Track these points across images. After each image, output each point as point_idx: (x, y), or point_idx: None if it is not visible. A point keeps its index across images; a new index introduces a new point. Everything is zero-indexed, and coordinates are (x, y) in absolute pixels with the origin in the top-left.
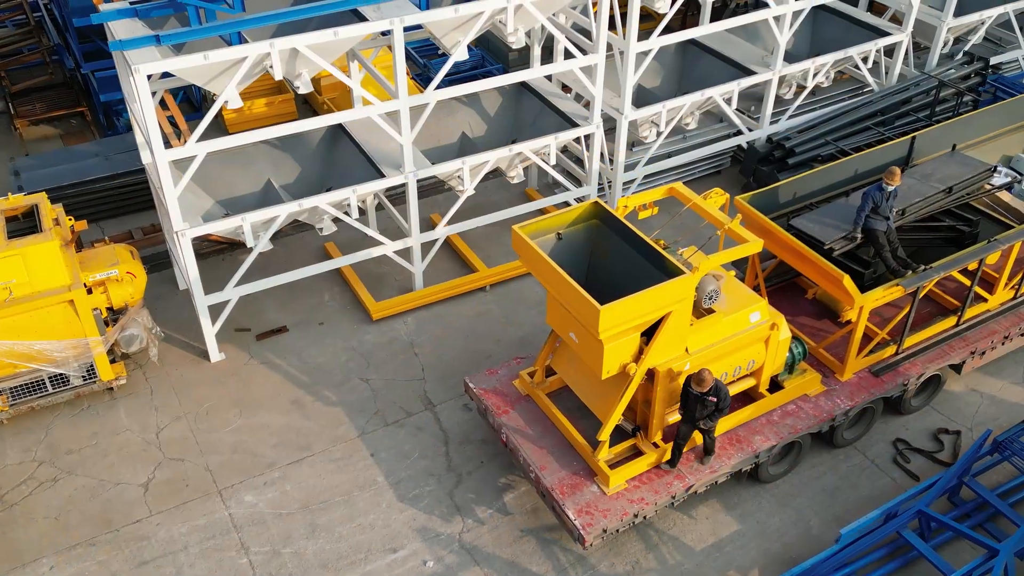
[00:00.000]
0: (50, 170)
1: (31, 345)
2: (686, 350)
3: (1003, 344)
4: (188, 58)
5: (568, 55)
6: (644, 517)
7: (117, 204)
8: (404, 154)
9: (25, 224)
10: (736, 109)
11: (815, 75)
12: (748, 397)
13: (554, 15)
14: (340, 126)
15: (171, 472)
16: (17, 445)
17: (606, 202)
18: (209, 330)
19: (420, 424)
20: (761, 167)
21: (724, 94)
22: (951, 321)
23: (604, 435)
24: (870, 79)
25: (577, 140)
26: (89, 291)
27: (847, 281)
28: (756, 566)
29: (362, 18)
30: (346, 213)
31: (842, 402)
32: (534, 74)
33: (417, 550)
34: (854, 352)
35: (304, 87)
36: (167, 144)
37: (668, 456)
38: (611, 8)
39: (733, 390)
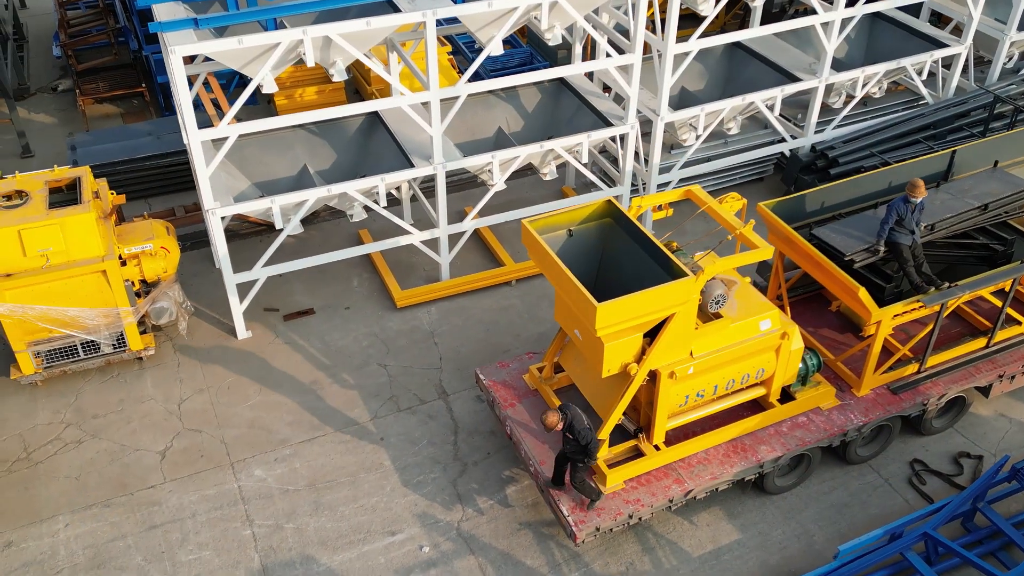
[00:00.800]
0: (104, 146)
1: (65, 311)
2: (691, 354)
3: None
4: (222, 42)
5: (608, 54)
6: (640, 519)
7: (165, 182)
8: (434, 145)
9: (67, 196)
10: (782, 116)
11: (864, 85)
12: (759, 406)
13: (595, 13)
14: (377, 115)
15: (188, 442)
16: (49, 406)
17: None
18: (237, 308)
19: (432, 412)
20: (803, 176)
21: (767, 100)
22: (981, 342)
23: (603, 434)
24: (924, 91)
25: (613, 140)
26: (123, 263)
27: (863, 293)
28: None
29: (397, 9)
30: (375, 201)
31: (855, 417)
32: (570, 71)
33: (415, 535)
34: (871, 367)
35: (339, 75)
36: (203, 125)
37: (663, 458)
38: (652, 9)
39: (742, 398)
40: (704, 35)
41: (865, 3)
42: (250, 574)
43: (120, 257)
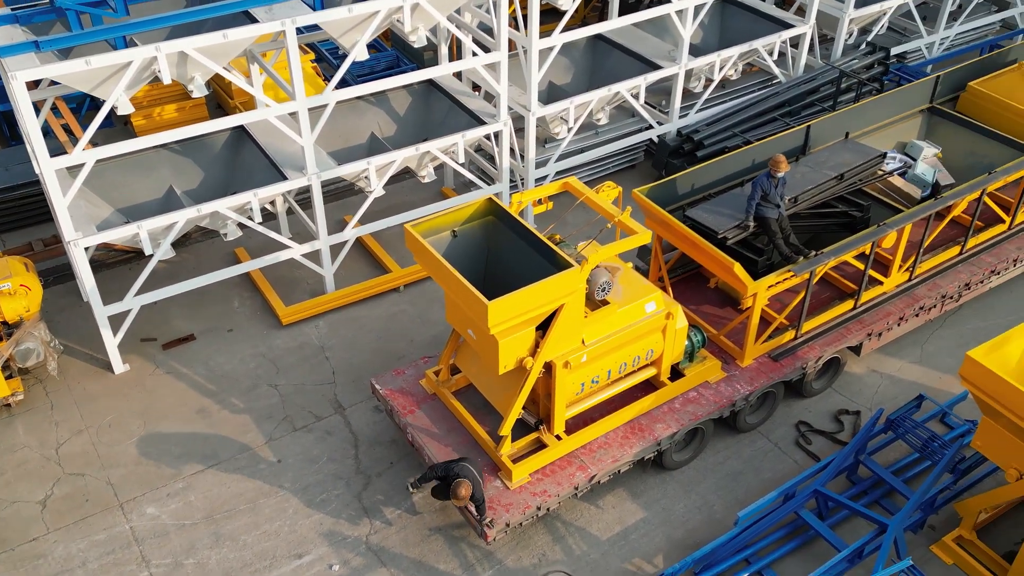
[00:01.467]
0: None
1: None
2: (583, 342)
3: (899, 325)
4: (68, 64)
5: (474, 53)
6: (548, 509)
7: (18, 216)
8: (306, 156)
9: None
10: (647, 103)
11: (721, 68)
12: (651, 386)
13: (458, 13)
14: (243, 129)
15: (70, 487)
16: None
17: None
18: (111, 341)
19: (329, 428)
20: (672, 160)
21: (631, 89)
22: (848, 305)
23: (505, 430)
24: (776, 71)
25: (488, 138)
26: None
27: (738, 268)
28: (660, 552)
29: (255, 20)
30: (249, 218)
31: (742, 387)
32: (438, 72)
33: (323, 554)
34: (752, 338)
35: (198, 91)
36: (55, 153)
37: (565, 447)
38: (513, 6)
39: (635, 380)
40: (566, 29)
41: None
42: None
43: None
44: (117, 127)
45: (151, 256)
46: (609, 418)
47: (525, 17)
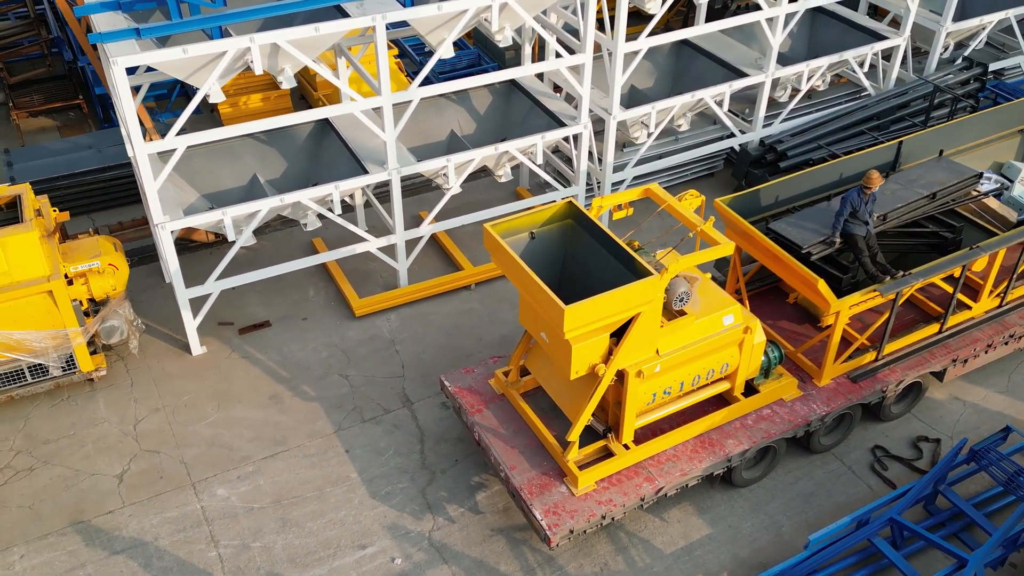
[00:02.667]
0: (43, 161)
1: (10, 335)
2: (657, 352)
3: (987, 352)
4: (166, 51)
5: (558, 54)
6: (612, 519)
7: (109, 196)
8: (388, 151)
9: (7, 215)
10: (730, 111)
11: (809, 79)
12: (723, 400)
13: (544, 14)
14: (327, 122)
15: (146, 464)
16: (2, 428)
17: (588, 197)
18: (190, 323)
19: (397, 421)
20: (753, 170)
21: (715, 96)
22: (933, 328)
23: (573, 436)
24: (866, 83)
25: (567, 140)
26: (70, 282)
27: (822, 285)
28: (725, 570)
29: (346, 14)
30: (329, 209)
31: (818, 407)
32: (520, 72)
33: (386, 547)
34: (831, 357)
35: (287, 82)
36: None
37: (632, 457)
38: (600, 8)
39: (708, 393)
40: (652, 34)
41: None
42: None
43: (66, 276)
44: (204, 114)
45: (233, 242)
46: (679, 430)
47: (612, 20)
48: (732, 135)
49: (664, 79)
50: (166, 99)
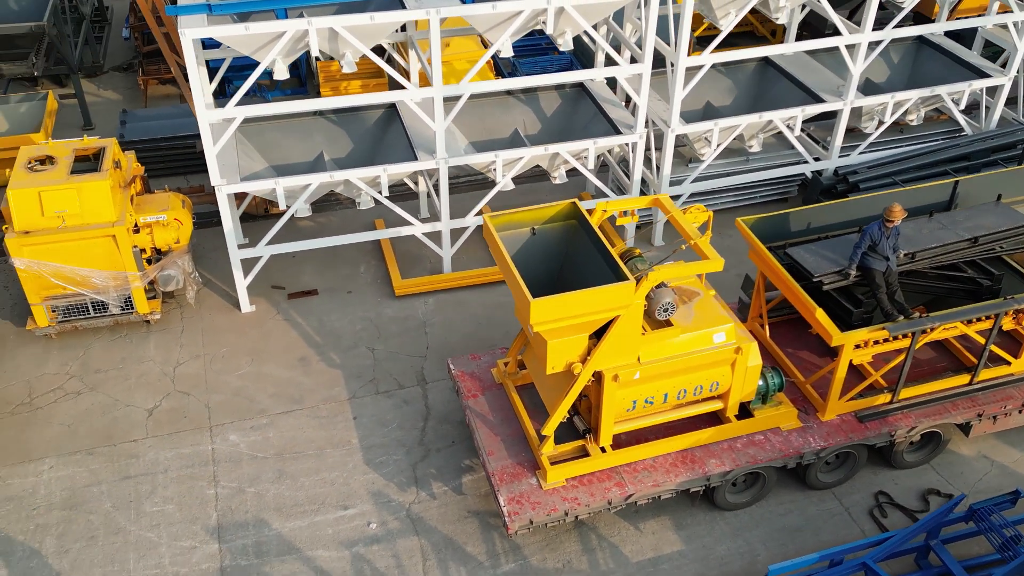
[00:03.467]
0: (152, 123)
1: (77, 271)
2: (638, 359)
3: (1021, 412)
4: (230, 27)
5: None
6: (576, 517)
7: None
8: (437, 140)
9: (90, 164)
10: (811, 137)
11: (895, 111)
12: (718, 419)
13: (619, 23)
14: (395, 109)
15: (176, 403)
16: (58, 358)
17: (647, 213)
18: (240, 282)
19: (408, 397)
20: (822, 199)
21: (786, 119)
22: (963, 379)
23: (547, 430)
24: (962, 121)
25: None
26: (137, 230)
27: (820, 314)
28: None
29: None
30: (379, 191)
31: (815, 441)
32: (574, 77)
33: (366, 511)
34: (836, 392)
35: (348, 67)
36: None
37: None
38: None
39: (697, 410)
40: (717, 49)
41: (894, 27)
42: (206, 531)
43: (136, 225)
44: (311, 94)
45: (281, 211)
46: (661, 442)
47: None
48: (805, 161)
49: (744, 98)
50: (270, 81)
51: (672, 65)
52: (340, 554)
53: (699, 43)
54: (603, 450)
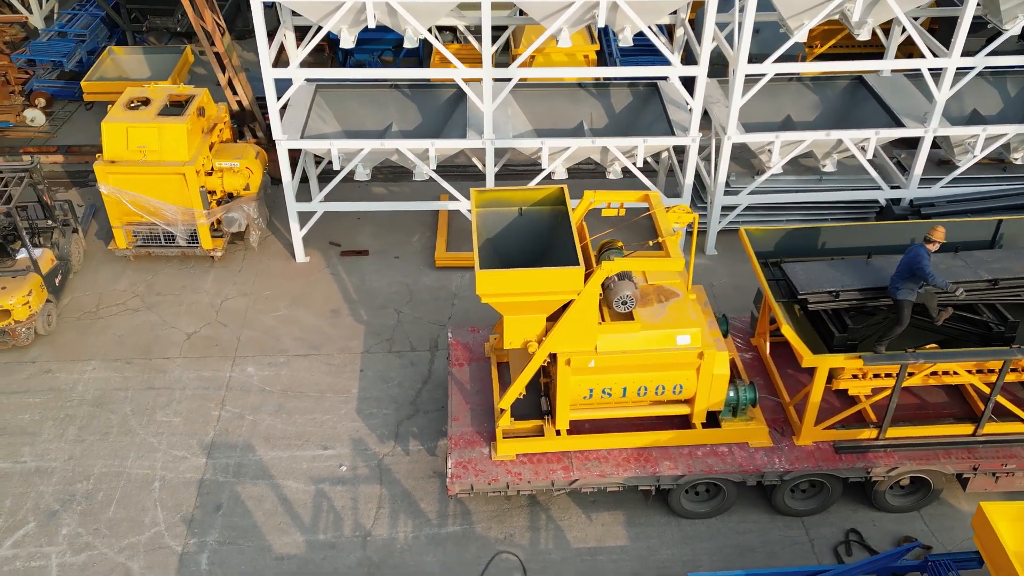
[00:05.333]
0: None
1: (151, 201)
2: (596, 348)
3: None
4: None
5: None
6: (517, 492)
7: None
8: (485, 121)
9: (180, 110)
10: (900, 164)
11: (986, 145)
12: (689, 424)
13: (693, 27)
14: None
15: (212, 332)
16: (130, 278)
17: (702, 219)
18: (296, 233)
19: (415, 360)
20: None
21: (858, 141)
22: (967, 428)
23: (503, 403)
24: None
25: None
26: (210, 173)
27: (786, 329)
28: None
29: None
30: (427, 162)
31: (779, 463)
32: (624, 73)
33: (342, 454)
34: (810, 417)
35: (409, 43)
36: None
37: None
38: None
39: (662, 411)
40: (777, 61)
41: (987, 55)
42: (200, 446)
43: (212, 168)
44: None
45: (333, 172)
46: (618, 436)
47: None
48: (879, 188)
49: (829, 116)
50: (392, 56)
51: (732, 71)
52: (306, 487)
53: (826, 58)
54: (558, 433)
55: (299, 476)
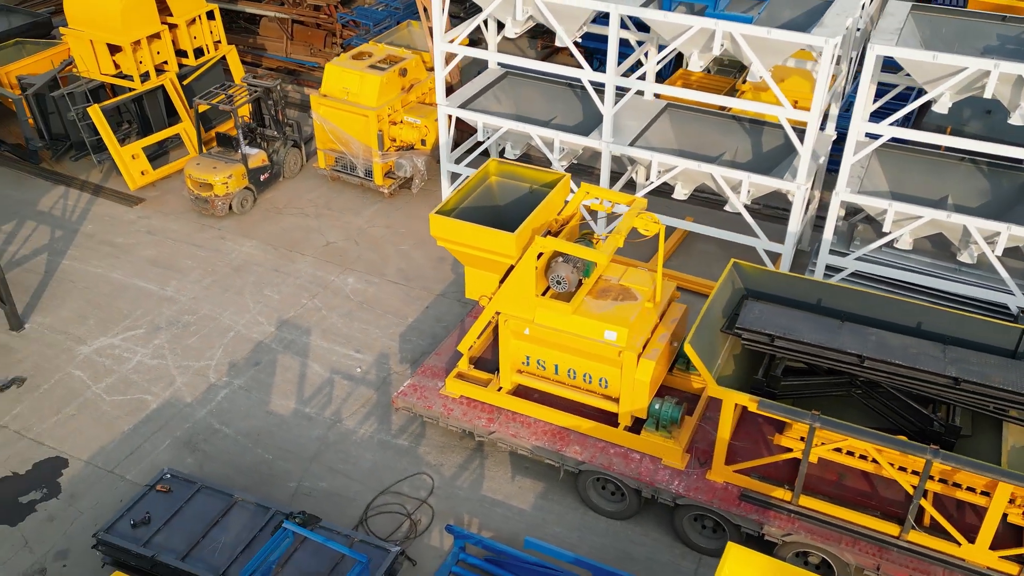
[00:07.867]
0: None
1: (343, 133)
2: (533, 320)
3: None
4: None
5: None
6: (443, 424)
7: None
8: (604, 124)
9: (388, 66)
10: None
11: None
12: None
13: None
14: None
15: (342, 246)
16: (319, 192)
17: (809, 271)
18: (446, 188)
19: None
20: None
21: (985, 232)
22: (892, 528)
23: (461, 347)
24: None
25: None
26: (394, 123)
27: (688, 348)
28: (491, 533)
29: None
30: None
31: (674, 487)
32: (741, 105)
33: (365, 361)
34: (719, 453)
35: (509, 33)
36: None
37: (495, 399)
38: None
39: (592, 401)
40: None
41: None
42: (278, 320)
43: (400, 121)
44: None
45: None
46: (547, 410)
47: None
48: (1011, 292)
49: (996, 204)
50: None
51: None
52: (324, 372)
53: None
54: (499, 390)
55: (324, 363)
